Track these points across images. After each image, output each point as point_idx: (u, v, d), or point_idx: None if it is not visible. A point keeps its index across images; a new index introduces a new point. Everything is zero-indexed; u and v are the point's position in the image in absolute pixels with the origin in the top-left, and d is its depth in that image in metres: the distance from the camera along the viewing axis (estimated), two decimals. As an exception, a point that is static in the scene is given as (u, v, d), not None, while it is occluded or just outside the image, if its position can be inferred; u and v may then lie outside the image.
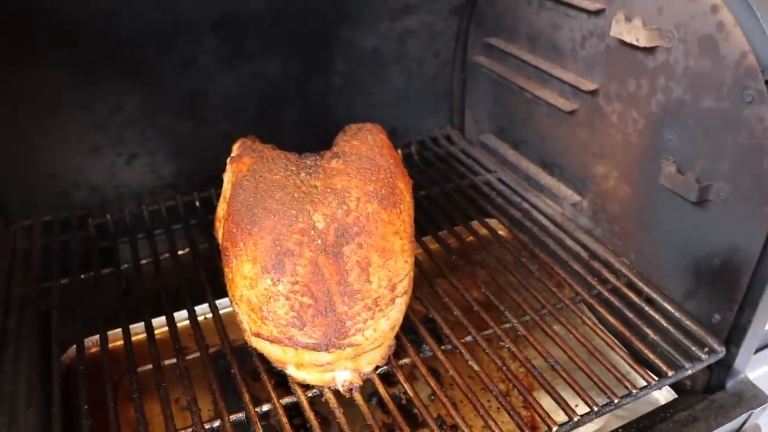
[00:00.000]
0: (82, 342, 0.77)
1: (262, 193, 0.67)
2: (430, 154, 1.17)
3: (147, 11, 0.87)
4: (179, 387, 0.73)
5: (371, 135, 0.75)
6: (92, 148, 0.97)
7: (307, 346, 0.66)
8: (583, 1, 0.82)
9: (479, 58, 1.09)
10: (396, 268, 0.68)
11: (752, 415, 0.77)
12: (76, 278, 0.88)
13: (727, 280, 0.73)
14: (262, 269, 0.64)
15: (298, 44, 1.01)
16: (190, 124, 1.01)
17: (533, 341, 0.77)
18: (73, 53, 0.88)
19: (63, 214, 0.98)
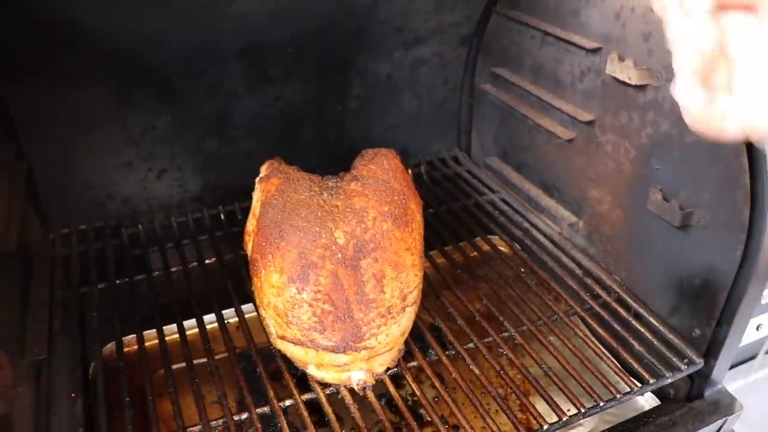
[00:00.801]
0: (121, 341, 0.85)
1: (289, 212, 0.75)
2: (439, 174, 1.24)
3: (182, 40, 0.94)
4: (209, 384, 0.81)
5: (386, 160, 0.83)
6: (126, 163, 1.04)
7: (326, 348, 0.73)
8: (581, 40, 0.90)
9: (486, 86, 1.16)
10: (407, 280, 0.76)
11: (727, 422, 0.83)
12: (112, 283, 0.94)
13: (706, 299, 0.79)
14: (289, 279, 0.72)
15: (318, 70, 1.08)
16: (216, 142, 1.08)
17: (530, 350, 0.83)
18: (112, 77, 0.95)
19: (97, 223, 1.05)
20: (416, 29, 1.08)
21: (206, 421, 0.73)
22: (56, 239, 1.03)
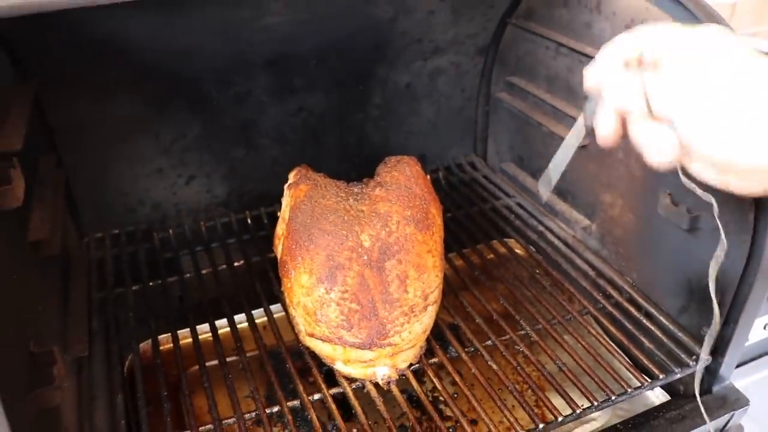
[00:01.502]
0: (157, 339, 0.90)
1: (318, 216, 0.79)
2: (456, 179, 1.28)
3: (214, 53, 0.98)
4: (240, 380, 0.85)
5: (408, 167, 0.87)
6: (157, 170, 1.09)
7: (353, 345, 0.78)
8: (594, 52, 0.92)
9: (502, 95, 1.20)
10: (428, 281, 0.80)
11: (734, 416, 0.87)
12: (145, 285, 0.99)
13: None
14: (318, 280, 0.77)
15: (340, 80, 1.12)
16: (242, 149, 1.13)
17: (545, 347, 0.87)
18: (147, 89, 1.00)
19: (129, 227, 1.10)
20: (435, 40, 1.12)
21: (240, 414, 0.77)
22: (90, 243, 1.08)
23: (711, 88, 0.46)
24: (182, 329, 0.92)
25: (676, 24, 0.52)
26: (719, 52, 0.47)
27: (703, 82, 0.46)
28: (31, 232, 0.74)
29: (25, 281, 0.72)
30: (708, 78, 0.46)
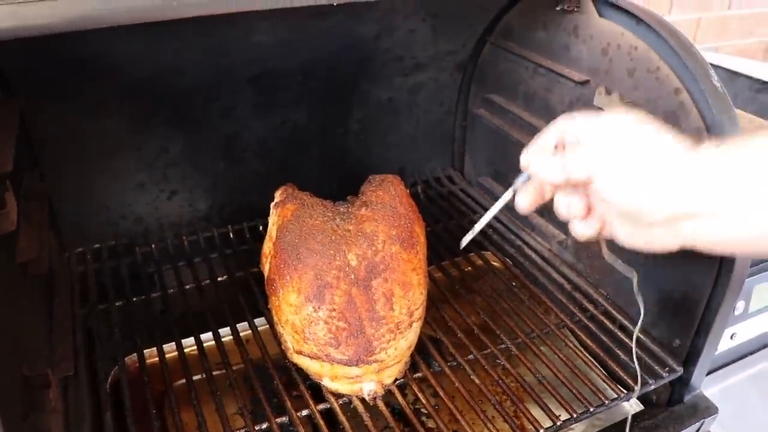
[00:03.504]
0: (143, 354, 0.90)
1: (305, 236, 0.81)
2: (434, 192, 1.30)
3: (201, 69, 0.99)
4: (228, 395, 0.86)
5: (392, 186, 0.89)
6: (139, 184, 1.09)
7: (341, 362, 0.79)
8: (571, 73, 0.96)
9: (479, 111, 1.22)
10: (414, 298, 0.82)
11: (704, 423, 0.91)
12: (129, 300, 0.99)
13: (685, 312, 0.86)
14: (306, 298, 0.78)
15: (323, 96, 1.14)
16: (225, 163, 1.14)
17: (524, 360, 0.90)
18: (131, 105, 1.00)
19: (110, 242, 1.10)
20: (416, 57, 1.14)
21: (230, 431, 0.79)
22: (71, 257, 1.07)
23: (615, 154, 0.57)
24: (167, 343, 0.92)
25: (591, 113, 0.63)
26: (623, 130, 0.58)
27: (610, 149, 0.57)
28: (20, 253, 0.74)
29: (15, 302, 0.72)
30: (614, 147, 0.57)
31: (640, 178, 0.56)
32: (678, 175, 0.54)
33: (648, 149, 0.56)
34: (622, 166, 0.57)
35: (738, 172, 0.52)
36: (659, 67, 0.81)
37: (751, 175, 0.51)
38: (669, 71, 0.80)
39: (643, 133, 0.57)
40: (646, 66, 0.83)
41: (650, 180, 0.55)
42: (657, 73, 0.82)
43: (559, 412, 0.83)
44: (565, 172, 0.60)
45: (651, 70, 0.83)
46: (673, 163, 0.54)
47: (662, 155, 0.55)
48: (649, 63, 0.83)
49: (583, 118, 0.62)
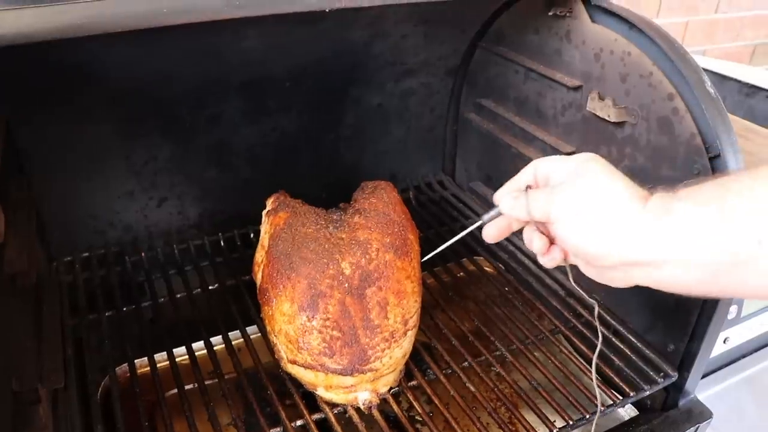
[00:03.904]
0: (134, 364, 0.89)
1: (298, 245, 0.80)
2: (425, 198, 1.30)
3: (189, 75, 0.98)
4: (221, 405, 0.85)
5: (385, 193, 0.89)
6: (128, 192, 1.08)
7: (335, 371, 0.79)
8: (563, 78, 0.96)
9: (471, 115, 1.22)
10: (408, 306, 0.82)
11: (699, 428, 0.91)
12: (119, 310, 0.97)
13: (679, 317, 0.86)
14: (299, 308, 0.78)
15: (314, 102, 1.13)
16: (215, 170, 1.13)
17: (519, 366, 0.90)
18: (119, 112, 0.99)
19: (99, 251, 1.08)
20: (407, 62, 1.14)
21: (224, 443, 0.78)
22: (60, 267, 1.06)
23: (571, 202, 0.62)
24: (158, 353, 0.91)
25: (559, 156, 0.68)
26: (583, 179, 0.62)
27: (568, 197, 0.62)
28: (8, 265, 0.73)
29: (2, 315, 0.71)
30: (571, 195, 0.62)
31: (591, 227, 0.60)
32: (625, 229, 0.58)
33: (602, 201, 0.59)
34: (576, 215, 0.61)
35: (679, 228, 0.55)
36: (652, 72, 0.81)
37: (691, 231, 0.54)
38: (662, 77, 0.80)
39: (600, 184, 0.60)
40: (639, 71, 0.83)
41: (600, 231, 0.59)
42: (650, 78, 0.82)
43: (554, 418, 0.82)
44: (528, 212, 0.66)
45: (644, 76, 0.82)
46: (623, 216, 0.58)
47: (613, 208, 0.59)
48: (642, 68, 0.82)
49: (553, 162, 0.67)
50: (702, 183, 0.56)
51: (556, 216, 0.63)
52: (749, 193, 0.51)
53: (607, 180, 0.61)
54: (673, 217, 0.55)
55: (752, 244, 0.50)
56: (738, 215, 0.51)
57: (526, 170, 0.71)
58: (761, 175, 0.51)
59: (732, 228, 0.51)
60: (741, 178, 0.53)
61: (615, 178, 0.61)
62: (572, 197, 0.61)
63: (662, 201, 0.57)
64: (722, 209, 0.52)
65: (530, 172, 0.70)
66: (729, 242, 0.52)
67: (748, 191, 0.51)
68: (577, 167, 0.63)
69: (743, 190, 0.51)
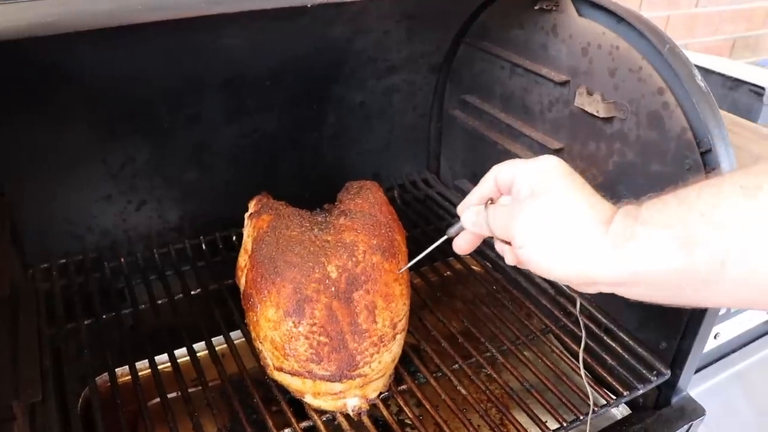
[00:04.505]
0: (114, 374, 0.86)
1: (283, 248, 0.78)
2: (410, 196, 1.28)
3: (166, 75, 0.95)
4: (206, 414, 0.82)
5: (371, 193, 0.86)
6: (106, 196, 1.05)
7: (323, 378, 0.76)
8: (550, 73, 0.95)
9: (455, 112, 1.20)
10: (397, 309, 0.80)
11: (692, 426, 0.90)
12: (98, 318, 0.94)
13: (671, 314, 0.85)
14: (285, 313, 0.75)
15: (295, 101, 1.11)
16: (194, 172, 1.10)
17: (509, 366, 0.88)
18: (95, 113, 0.96)
19: (77, 257, 1.05)
20: (390, 59, 1.12)
21: (210, 454, 0.75)
22: (36, 274, 1.02)
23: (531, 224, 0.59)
24: (139, 361, 0.89)
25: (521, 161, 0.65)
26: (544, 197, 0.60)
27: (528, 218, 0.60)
28: (-19, 275, 0.70)
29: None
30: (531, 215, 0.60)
31: (553, 254, 0.58)
32: (588, 256, 0.56)
33: (563, 225, 0.57)
34: (538, 240, 0.59)
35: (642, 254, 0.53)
36: (642, 66, 0.80)
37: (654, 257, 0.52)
38: (652, 71, 0.78)
39: (562, 205, 0.58)
40: (628, 66, 0.82)
41: (563, 257, 0.58)
42: (639, 72, 0.80)
43: (545, 419, 0.81)
44: (490, 230, 0.66)
45: (633, 70, 0.81)
46: (585, 243, 0.56)
47: (576, 234, 0.57)
48: (631, 62, 0.81)
49: (515, 167, 0.65)
50: (665, 201, 0.54)
51: (519, 242, 0.61)
52: (712, 212, 0.49)
53: (570, 200, 0.58)
54: (636, 243, 0.53)
55: (716, 266, 0.49)
56: (702, 238, 0.50)
57: (487, 179, 0.69)
58: (724, 191, 0.50)
59: (696, 251, 0.50)
60: (703, 195, 0.51)
61: (578, 196, 0.59)
62: (533, 220, 0.59)
63: (624, 224, 0.55)
64: (686, 232, 0.50)
65: (491, 181, 0.68)
66: (693, 265, 0.50)
67: (711, 209, 0.49)
68: (539, 179, 0.61)
69: (707, 209, 0.50)
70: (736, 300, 0.52)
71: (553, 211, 0.58)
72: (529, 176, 0.62)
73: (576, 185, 0.60)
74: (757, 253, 0.47)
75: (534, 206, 0.60)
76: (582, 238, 0.56)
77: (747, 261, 0.48)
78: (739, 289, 0.50)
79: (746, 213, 0.47)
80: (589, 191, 0.59)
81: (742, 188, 0.48)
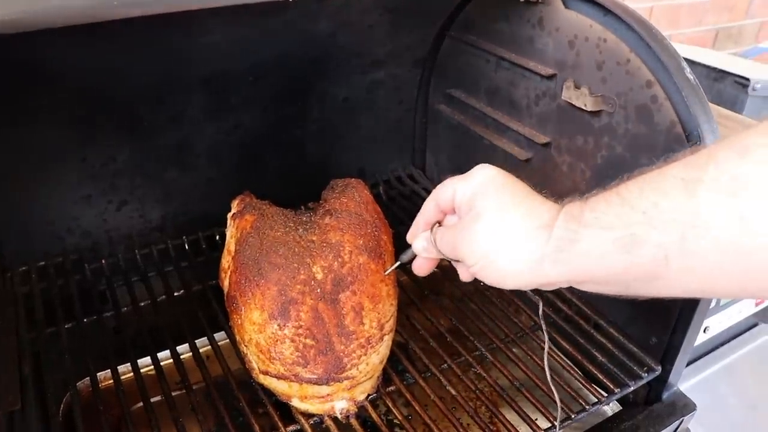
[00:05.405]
0: (96, 378, 0.84)
1: (267, 249, 0.76)
2: (396, 192, 1.26)
3: (145, 72, 0.93)
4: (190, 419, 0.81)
5: (357, 191, 0.85)
6: (85, 196, 1.02)
7: (310, 381, 0.75)
8: (537, 66, 0.93)
9: (440, 107, 1.19)
10: (384, 310, 0.78)
11: (683, 421, 0.89)
12: (79, 321, 0.92)
13: (661, 309, 0.84)
14: (270, 316, 0.74)
15: (278, 97, 1.09)
16: (176, 171, 1.08)
17: (498, 364, 0.87)
18: (72, 111, 0.93)
19: (57, 259, 1.02)
20: (373, 53, 1.10)
21: (195, 460, 0.74)
22: (14, 277, 1.00)
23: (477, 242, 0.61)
24: (122, 365, 0.87)
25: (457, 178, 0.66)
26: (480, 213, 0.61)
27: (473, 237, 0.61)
28: (-46, 281, 0.68)
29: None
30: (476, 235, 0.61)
31: (501, 270, 0.60)
32: (534, 265, 0.57)
33: (503, 243, 0.59)
34: (484, 260, 0.60)
35: (587, 257, 0.54)
36: (629, 59, 0.78)
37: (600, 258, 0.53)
38: (640, 63, 0.77)
39: (496, 225, 0.60)
40: (616, 59, 0.80)
41: (511, 271, 0.59)
42: (627, 65, 0.79)
43: (535, 417, 0.80)
44: (441, 254, 0.68)
45: (621, 63, 0.80)
46: (527, 254, 0.57)
47: (516, 248, 0.58)
48: (619, 55, 0.80)
49: (453, 185, 0.66)
50: (608, 200, 0.53)
51: (469, 262, 0.62)
52: (653, 210, 0.49)
53: (507, 214, 0.59)
54: (579, 246, 0.54)
55: (660, 262, 0.49)
56: (643, 237, 0.50)
57: (428, 204, 0.70)
58: (665, 186, 0.49)
59: (638, 251, 0.50)
60: (645, 192, 0.50)
61: (514, 208, 0.59)
62: (476, 239, 0.61)
63: (567, 228, 0.55)
64: (627, 232, 0.51)
65: (432, 204, 0.70)
66: (636, 264, 0.51)
67: (652, 208, 0.49)
68: (476, 196, 0.62)
69: (648, 207, 0.49)
70: (684, 290, 0.52)
71: (493, 229, 0.60)
72: (466, 192, 0.64)
73: (513, 196, 0.61)
74: (698, 248, 0.47)
75: (475, 227, 0.61)
76: (525, 249, 0.58)
77: (690, 255, 0.48)
78: (685, 280, 0.50)
79: (686, 209, 0.47)
80: (526, 198, 0.60)
81: (683, 181, 0.48)
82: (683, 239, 0.47)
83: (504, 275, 0.60)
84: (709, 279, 0.49)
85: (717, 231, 0.45)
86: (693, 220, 0.47)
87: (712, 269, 0.47)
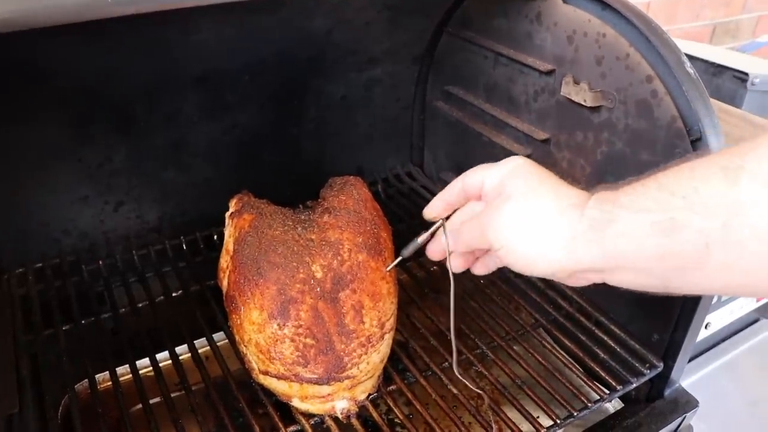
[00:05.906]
0: (94, 380, 0.83)
1: (266, 248, 0.75)
2: (394, 190, 1.26)
3: (141, 71, 0.92)
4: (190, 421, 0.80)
5: (355, 189, 0.84)
6: (82, 197, 1.02)
7: (310, 381, 0.74)
8: (535, 62, 0.93)
9: (438, 103, 1.18)
10: (384, 308, 0.78)
11: (685, 418, 0.89)
12: (77, 323, 0.91)
13: (663, 305, 0.83)
14: (269, 316, 0.73)
15: (274, 95, 1.08)
16: (173, 170, 1.07)
17: (500, 362, 0.87)
18: (68, 112, 0.93)
19: (54, 260, 1.02)
20: (371, 50, 1.10)
21: (196, 463, 0.73)
22: (11, 279, 0.99)
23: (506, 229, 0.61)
24: (120, 366, 0.86)
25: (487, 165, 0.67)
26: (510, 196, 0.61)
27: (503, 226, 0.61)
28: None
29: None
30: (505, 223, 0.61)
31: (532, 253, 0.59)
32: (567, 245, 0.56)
33: (535, 225, 0.58)
34: (513, 238, 0.60)
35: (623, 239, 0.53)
36: (629, 54, 0.78)
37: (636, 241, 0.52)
38: (640, 58, 0.77)
39: (527, 206, 0.59)
40: (615, 53, 0.80)
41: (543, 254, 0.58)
42: (627, 60, 0.78)
43: (537, 414, 0.80)
44: (466, 245, 0.69)
45: (620, 58, 0.79)
46: (559, 233, 0.57)
47: (548, 229, 0.57)
48: (619, 50, 0.79)
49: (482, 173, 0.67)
50: (645, 184, 0.52)
51: (497, 245, 0.61)
52: (694, 196, 0.48)
53: (538, 193, 0.59)
54: (616, 226, 0.53)
55: (700, 249, 0.48)
56: (683, 222, 0.48)
57: (454, 185, 0.70)
58: (705, 173, 0.48)
59: (678, 235, 0.49)
60: (683, 179, 0.50)
61: (545, 189, 0.59)
62: (506, 221, 0.60)
63: (602, 209, 0.54)
64: (666, 216, 0.49)
65: (458, 186, 0.70)
66: (676, 249, 0.50)
67: (693, 193, 0.48)
68: (506, 181, 0.62)
69: (688, 193, 0.48)
70: (723, 285, 0.51)
71: (523, 208, 0.59)
72: (495, 179, 0.64)
73: (542, 179, 0.61)
74: (740, 237, 0.46)
75: (505, 207, 0.60)
76: (557, 226, 0.57)
77: (731, 244, 0.46)
78: (725, 274, 0.49)
79: (728, 196, 0.46)
80: (555, 182, 0.60)
81: (723, 169, 0.47)
82: (725, 226, 0.46)
83: (534, 258, 0.59)
84: (749, 272, 0.47)
85: (758, 219, 0.44)
86: (736, 207, 0.46)
87: (752, 260, 0.46)
